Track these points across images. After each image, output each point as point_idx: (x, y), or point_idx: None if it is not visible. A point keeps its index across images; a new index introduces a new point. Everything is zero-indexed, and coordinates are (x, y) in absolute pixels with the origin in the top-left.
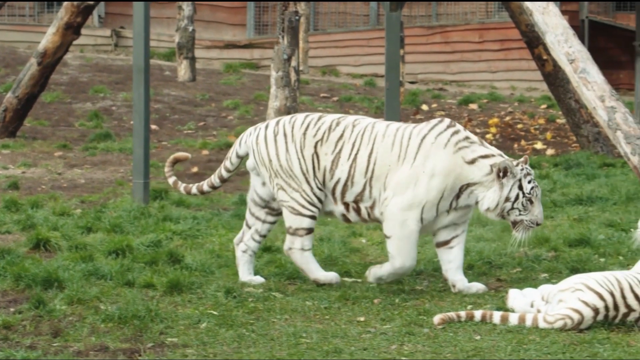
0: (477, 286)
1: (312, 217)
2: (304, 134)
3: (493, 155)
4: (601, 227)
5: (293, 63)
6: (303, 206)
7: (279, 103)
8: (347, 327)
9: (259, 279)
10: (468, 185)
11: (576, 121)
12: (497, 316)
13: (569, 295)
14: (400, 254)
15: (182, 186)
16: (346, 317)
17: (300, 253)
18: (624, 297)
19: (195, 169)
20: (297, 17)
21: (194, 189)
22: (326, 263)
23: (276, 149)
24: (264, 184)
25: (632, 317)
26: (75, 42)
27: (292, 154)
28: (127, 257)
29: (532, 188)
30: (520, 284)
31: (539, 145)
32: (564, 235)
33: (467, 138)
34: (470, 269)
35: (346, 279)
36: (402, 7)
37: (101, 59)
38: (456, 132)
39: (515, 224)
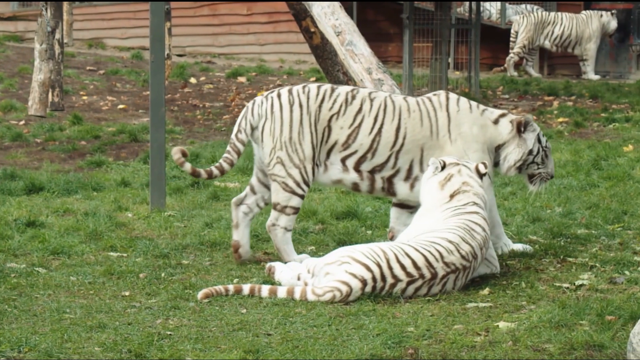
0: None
1: (302, 197)
2: (320, 106)
3: (506, 114)
4: (368, 200)
5: (57, 35)
6: (298, 184)
7: (43, 76)
8: (112, 302)
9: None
10: (499, 146)
11: None
12: (265, 290)
13: (335, 269)
14: None
15: (202, 171)
16: (111, 291)
17: (282, 232)
18: (390, 267)
19: None
20: None
21: (215, 171)
22: (91, 238)
23: (291, 120)
24: None
25: (399, 287)
26: None
27: (306, 127)
28: None
29: (547, 141)
30: None
31: None
32: (332, 208)
33: (477, 103)
34: None
35: (111, 253)
36: None
37: None
38: (465, 95)
39: (532, 177)
